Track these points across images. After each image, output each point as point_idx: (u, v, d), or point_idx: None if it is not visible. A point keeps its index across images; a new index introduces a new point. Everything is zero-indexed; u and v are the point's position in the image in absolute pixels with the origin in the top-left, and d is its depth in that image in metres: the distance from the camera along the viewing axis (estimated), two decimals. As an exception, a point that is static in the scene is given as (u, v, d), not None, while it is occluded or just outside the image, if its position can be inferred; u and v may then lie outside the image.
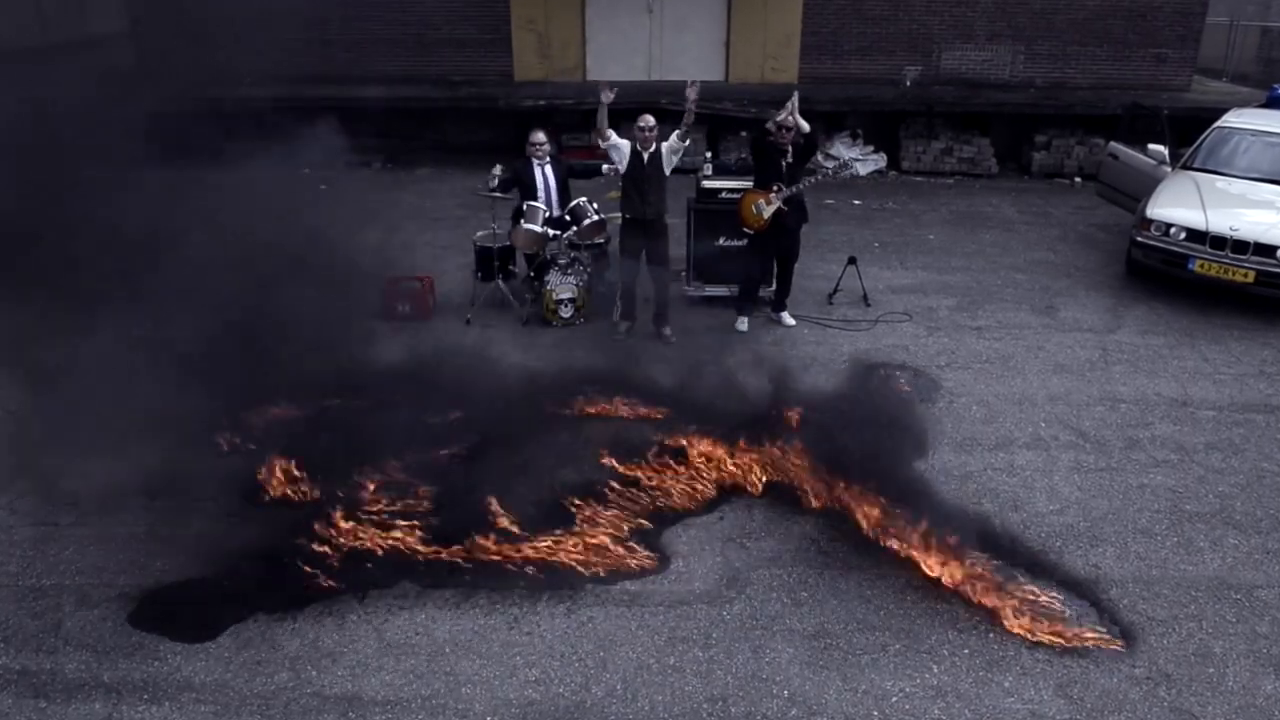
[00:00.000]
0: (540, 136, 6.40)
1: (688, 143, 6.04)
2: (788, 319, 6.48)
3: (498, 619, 3.65)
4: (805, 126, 5.92)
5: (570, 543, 4.04)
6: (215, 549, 3.98)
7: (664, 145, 5.98)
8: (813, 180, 6.30)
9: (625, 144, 5.98)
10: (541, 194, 6.45)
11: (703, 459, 4.61)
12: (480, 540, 4.00)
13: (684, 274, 6.84)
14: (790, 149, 5.98)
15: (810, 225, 6.45)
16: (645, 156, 5.90)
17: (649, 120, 5.91)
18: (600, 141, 6.04)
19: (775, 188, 6.00)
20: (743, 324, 6.38)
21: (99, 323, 4.11)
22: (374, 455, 4.43)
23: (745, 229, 6.21)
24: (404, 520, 4.15)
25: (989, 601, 3.71)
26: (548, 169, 6.47)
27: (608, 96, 5.80)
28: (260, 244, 4.55)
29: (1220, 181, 7.19)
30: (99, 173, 4.33)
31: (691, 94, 5.77)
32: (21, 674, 3.39)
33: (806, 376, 5.66)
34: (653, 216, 5.99)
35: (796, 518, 4.29)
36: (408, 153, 11.35)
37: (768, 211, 6.03)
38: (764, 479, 4.49)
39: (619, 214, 6.22)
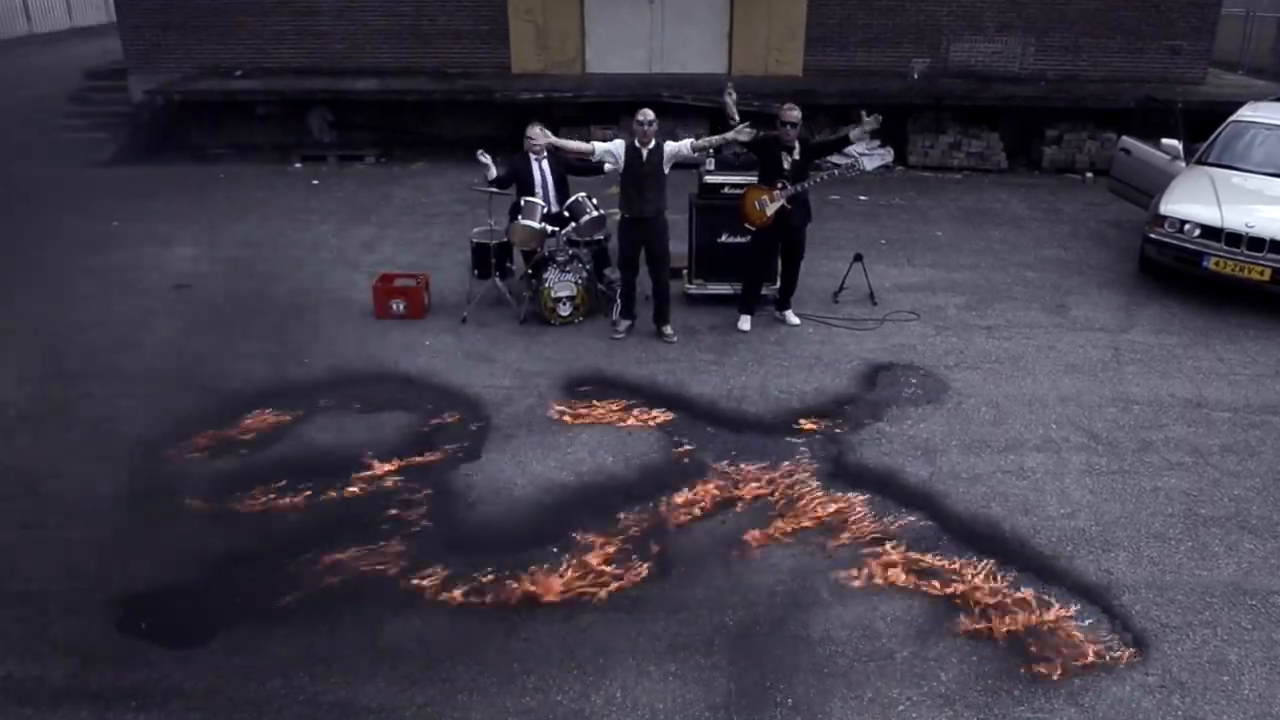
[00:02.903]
0: (536, 132, 6.30)
1: (698, 156, 5.86)
2: (792, 318, 6.37)
3: (494, 625, 3.58)
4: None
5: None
6: (205, 553, 3.93)
7: (668, 145, 5.82)
8: (821, 178, 6.19)
9: (618, 143, 5.84)
10: (539, 190, 6.36)
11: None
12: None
13: (685, 272, 6.74)
14: (796, 145, 5.87)
15: (815, 222, 6.35)
16: (644, 153, 5.75)
17: (647, 115, 5.76)
18: (590, 157, 5.89)
19: (779, 185, 5.89)
20: (745, 323, 6.27)
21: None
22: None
23: (747, 226, 6.10)
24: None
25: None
26: (545, 164, 6.37)
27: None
28: None
29: (1236, 177, 7.06)
30: None
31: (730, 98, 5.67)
32: (7, 681, 3.32)
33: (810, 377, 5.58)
34: (651, 214, 5.85)
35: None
36: (402, 147, 11.27)
37: (770, 208, 5.91)
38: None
39: (618, 210, 6.12)
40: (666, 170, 5.87)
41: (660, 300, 6.08)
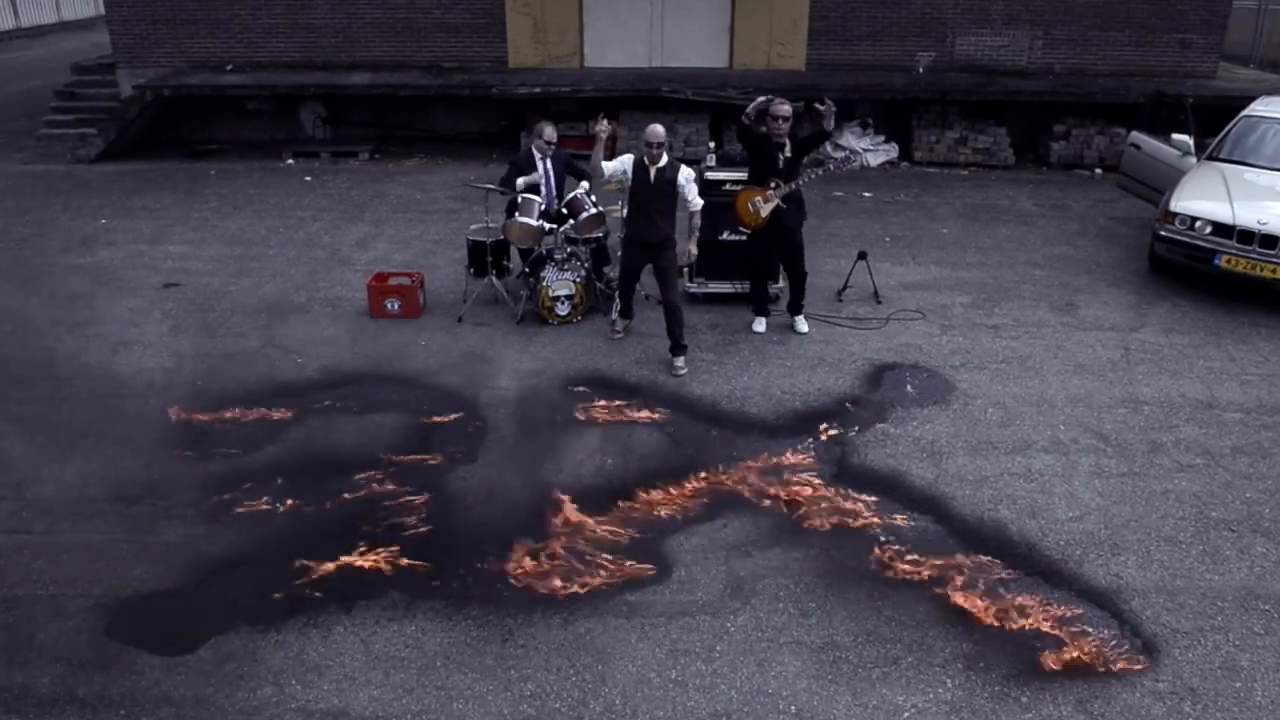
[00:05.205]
0: (551, 134, 6.20)
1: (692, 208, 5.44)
2: (801, 325, 6.12)
3: (491, 631, 3.53)
4: (830, 126, 5.65)
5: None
6: (196, 557, 3.87)
7: (683, 170, 5.50)
8: (817, 173, 6.07)
9: (627, 159, 5.53)
10: (542, 187, 6.29)
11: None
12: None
13: (687, 270, 6.65)
14: (788, 142, 5.71)
15: (818, 219, 6.27)
16: (652, 172, 5.42)
17: (657, 134, 5.40)
18: (601, 174, 5.52)
19: (773, 184, 5.72)
20: (760, 325, 6.13)
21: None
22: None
23: (742, 228, 5.99)
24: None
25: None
26: (548, 162, 6.30)
27: (604, 129, 5.40)
28: None
29: (1248, 173, 6.96)
30: None
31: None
32: (-6, 688, 3.28)
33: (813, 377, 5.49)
34: (655, 239, 5.50)
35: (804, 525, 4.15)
36: (397, 143, 11.17)
37: (765, 209, 5.77)
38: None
39: (618, 205, 6.02)
40: (681, 194, 5.52)
41: (674, 329, 5.50)
